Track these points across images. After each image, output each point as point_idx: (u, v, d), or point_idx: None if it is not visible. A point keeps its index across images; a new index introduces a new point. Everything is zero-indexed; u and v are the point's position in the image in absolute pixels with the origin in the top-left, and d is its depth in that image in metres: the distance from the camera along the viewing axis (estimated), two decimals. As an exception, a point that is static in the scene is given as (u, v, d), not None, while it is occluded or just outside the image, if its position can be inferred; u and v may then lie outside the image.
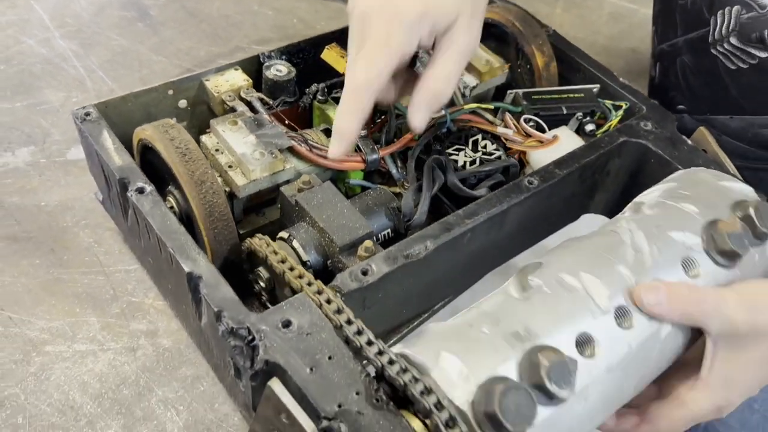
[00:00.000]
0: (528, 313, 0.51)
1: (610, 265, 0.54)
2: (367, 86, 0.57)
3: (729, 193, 0.62)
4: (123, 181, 0.61)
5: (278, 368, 0.50)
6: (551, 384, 0.46)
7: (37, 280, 0.70)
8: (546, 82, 0.81)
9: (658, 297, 0.53)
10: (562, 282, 0.53)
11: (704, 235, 0.58)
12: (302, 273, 0.56)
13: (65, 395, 0.62)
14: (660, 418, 0.57)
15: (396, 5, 0.57)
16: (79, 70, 0.97)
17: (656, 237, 0.57)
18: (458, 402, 0.45)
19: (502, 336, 0.48)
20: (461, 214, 0.63)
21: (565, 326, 0.50)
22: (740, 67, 0.71)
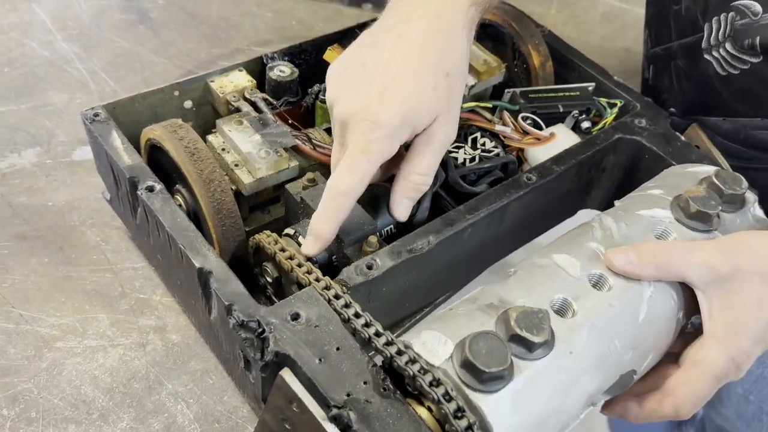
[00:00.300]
0: (503, 289, 0.54)
1: (579, 244, 0.58)
2: (347, 193, 0.57)
3: (695, 175, 0.65)
4: (133, 180, 0.62)
5: (288, 359, 0.52)
6: (522, 331, 0.48)
7: (47, 277, 0.72)
8: (542, 81, 0.83)
9: (627, 256, 0.55)
10: (535, 263, 0.57)
11: (673, 208, 0.61)
12: (310, 269, 0.57)
13: (77, 389, 0.63)
14: (680, 387, 0.56)
15: (375, 116, 0.56)
16: (82, 72, 0.98)
17: (623, 217, 0.61)
18: (438, 363, 0.48)
19: (478, 308, 0.52)
20: (462, 210, 0.65)
21: (538, 293, 0.53)
22: (731, 73, 0.72)
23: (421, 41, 0.58)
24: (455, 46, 0.60)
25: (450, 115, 0.60)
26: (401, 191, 0.62)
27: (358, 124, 0.57)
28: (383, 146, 0.57)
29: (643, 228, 0.60)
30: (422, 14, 0.59)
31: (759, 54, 0.69)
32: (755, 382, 0.95)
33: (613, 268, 0.56)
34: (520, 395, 0.48)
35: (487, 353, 0.47)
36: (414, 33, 0.58)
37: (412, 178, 0.61)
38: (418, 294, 0.67)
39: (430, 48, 0.58)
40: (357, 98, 0.57)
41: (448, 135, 0.61)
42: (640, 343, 0.55)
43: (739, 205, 0.63)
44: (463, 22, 0.60)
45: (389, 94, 0.57)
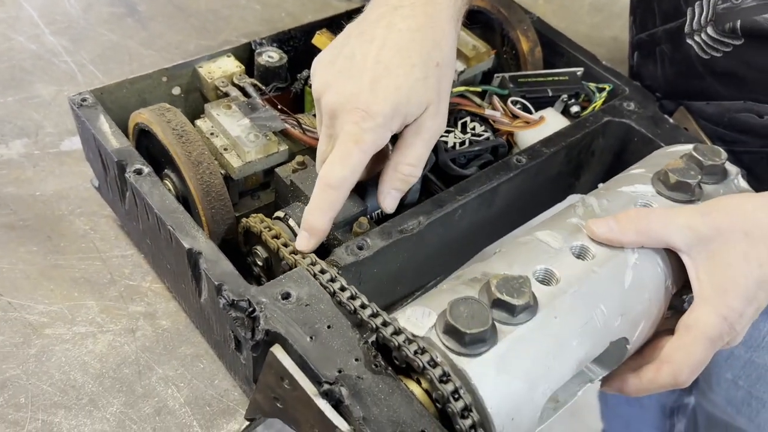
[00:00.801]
0: (486, 265, 0.55)
1: (561, 221, 0.59)
2: (341, 184, 0.56)
3: (676, 153, 0.66)
4: (121, 163, 0.62)
5: (279, 338, 0.52)
6: (503, 294, 0.49)
7: (35, 266, 0.71)
8: (531, 67, 0.83)
9: (608, 224, 0.56)
10: (518, 241, 0.57)
11: (654, 183, 0.62)
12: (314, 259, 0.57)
13: (66, 375, 0.63)
14: (675, 353, 0.56)
15: (366, 105, 0.55)
16: (70, 65, 0.98)
17: (604, 194, 0.62)
18: (422, 333, 0.49)
19: (462, 283, 0.53)
20: (453, 191, 0.65)
21: (520, 265, 0.54)
22: (713, 56, 0.73)
23: (410, 31, 0.58)
24: (444, 36, 0.59)
25: (440, 105, 0.60)
26: (390, 182, 0.61)
27: (350, 114, 0.56)
28: (376, 136, 0.56)
29: (625, 202, 0.61)
30: (410, 5, 0.59)
31: (740, 37, 0.70)
32: (744, 366, 0.95)
33: (594, 237, 0.56)
34: (505, 358, 0.48)
35: (468, 316, 0.47)
36: (403, 23, 0.58)
37: (401, 169, 0.60)
38: (409, 277, 0.67)
39: (420, 38, 0.58)
40: (347, 88, 0.57)
41: (438, 125, 0.61)
42: (629, 310, 0.56)
43: (720, 176, 0.64)
44: (451, 13, 0.60)
45: (381, 84, 0.56)
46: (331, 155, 0.57)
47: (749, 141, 0.75)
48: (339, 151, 0.56)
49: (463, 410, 0.46)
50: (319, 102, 0.59)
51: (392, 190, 0.61)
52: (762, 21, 0.67)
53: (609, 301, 0.54)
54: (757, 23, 0.68)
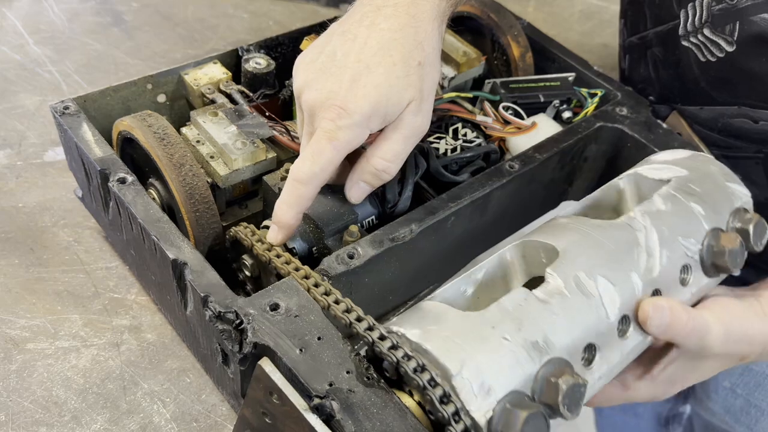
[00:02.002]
0: (548, 320, 0.50)
1: (624, 271, 0.55)
2: (310, 181, 0.56)
3: (732, 198, 0.63)
4: (104, 172, 0.60)
5: (267, 350, 0.50)
6: (564, 409, 0.47)
7: (17, 279, 0.69)
8: (522, 73, 0.82)
9: (661, 321, 0.55)
10: (580, 284, 0.52)
11: (705, 242, 0.59)
12: (289, 259, 0.56)
13: (48, 391, 0.60)
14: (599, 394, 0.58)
15: (344, 102, 0.55)
16: (54, 75, 0.96)
17: (667, 241, 0.58)
18: (476, 415, 0.45)
19: (523, 346, 0.48)
20: (445, 198, 0.64)
21: (579, 338, 0.51)
22: (709, 60, 0.72)
23: (392, 31, 0.57)
24: (427, 37, 0.59)
25: (422, 104, 0.59)
26: (360, 173, 0.60)
27: (327, 111, 0.55)
28: (351, 134, 0.55)
29: (677, 261, 0.58)
30: (393, 6, 0.59)
31: (733, 43, 0.69)
32: (742, 374, 0.94)
33: (645, 327, 0.55)
34: None
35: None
36: (386, 23, 0.58)
37: (373, 162, 0.59)
38: (401, 286, 0.65)
39: (402, 38, 0.57)
40: (327, 85, 0.56)
41: (420, 124, 0.59)
42: None
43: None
44: (435, 14, 0.60)
45: (360, 82, 0.56)
46: (304, 151, 0.56)
47: (744, 146, 0.75)
48: (312, 147, 0.56)
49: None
50: (299, 99, 0.59)
51: (361, 181, 0.60)
52: (759, 21, 0.66)
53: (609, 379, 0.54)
54: (754, 24, 0.67)
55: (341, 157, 0.56)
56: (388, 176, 0.60)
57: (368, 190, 0.61)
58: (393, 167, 0.59)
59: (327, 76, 0.57)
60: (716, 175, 0.64)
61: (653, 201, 0.60)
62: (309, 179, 0.55)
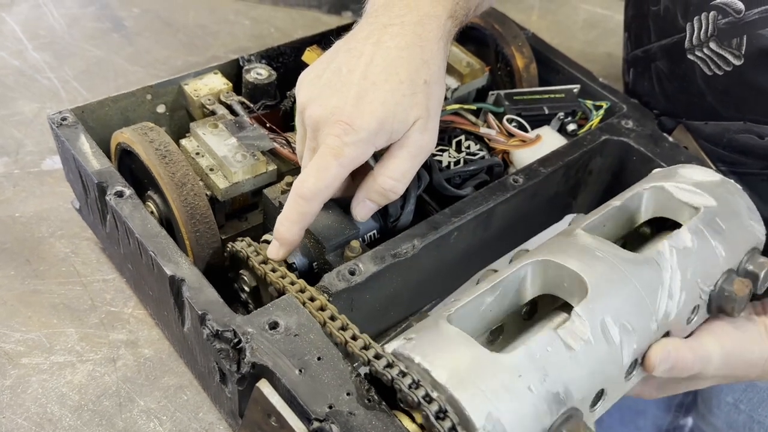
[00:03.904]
0: (571, 371, 0.49)
1: (646, 317, 0.54)
2: (314, 197, 0.55)
3: (751, 237, 0.62)
4: (101, 185, 0.59)
5: (266, 371, 0.49)
6: None
7: (12, 291, 0.68)
8: (526, 84, 0.81)
9: (667, 366, 0.55)
10: (605, 329, 0.51)
11: (718, 283, 0.58)
12: (289, 276, 0.55)
13: (43, 408, 0.59)
14: None
15: (350, 119, 0.54)
16: (53, 81, 0.95)
17: (688, 284, 0.56)
18: None
19: (545, 398, 0.47)
20: (448, 213, 0.63)
21: (595, 386, 0.50)
22: (716, 74, 0.71)
23: (398, 49, 0.57)
24: (433, 55, 0.58)
25: (429, 122, 0.58)
26: (366, 191, 0.59)
27: (332, 127, 0.55)
28: (356, 151, 0.55)
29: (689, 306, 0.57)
30: (399, 25, 0.58)
31: (741, 57, 0.68)
32: (745, 390, 0.93)
33: (649, 371, 0.54)
34: None
35: None
36: (392, 41, 0.57)
37: (380, 180, 0.58)
38: (403, 301, 0.64)
39: (408, 56, 0.57)
40: (332, 101, 0.55)
41: (426, 143, 0.58)
42: None
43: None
44: (441, 34, 0.59)
45: (366, 99, 0.55)
46: (309, 166, 0.55)
47: (750, 162, 0.74)
48: (316, 163, 0.55)
49: None
50: (303, 115, 0.58)
51: (367, 200, 0.59)
52: (767, 35, 0.65)
53: None
54: (762, 38, 0.66)
55: (346, 173, 0.56)
56: (394, 195, 0.59)
57: (375, 208, 0.60)
58: (400, 186, 0.59)
59: (332, 92, 0.56)
60: (742, 210, 0.63)
61: (681, 236, 0.58)
62: (313, 196, 0.55)
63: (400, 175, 0.58)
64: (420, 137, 0.57)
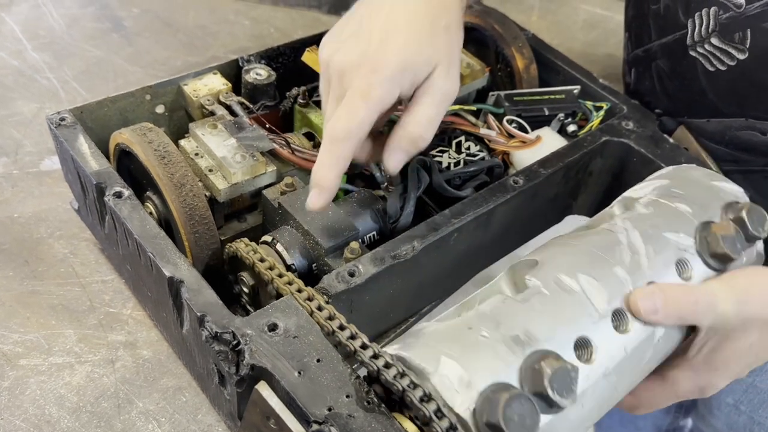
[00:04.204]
0: (528, 316, 0.49)
1: (607, 267, 0.53)
2: (346, 138, 0.55)
3: (721, 194, 0.62)
4: (100, 186, 0.59)
5: (265, 373, 0.49)
6: (554, 393, 0.45)
7: (11, 292, 0.68)
8: (526, 85, 0.81)
9: (654, 304, 0.53)
10: (561, 283, 0.52)
11: (697, 236, 0.58)
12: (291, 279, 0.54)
13: (41, 410, 0.59)
14: (642, 391, 0.59)
15: (375, 60, 0.56)
16: (53, 82, 0.95)
17: (652, 237, 0.56)
18: (459, 410, 0.44)
19: (503, 340, 0.47)
20: (448, 214, 0.62)
21: (565, 330, 0.49)
22: (718, 69, 0.71)
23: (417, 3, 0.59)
24: (451, 6, 0.61)
25: (450, 67, 0.60)
26: (396, 140, 0.59)
27: (358, 70, 0.56)
28: (383, 91, 0.56)
29: (668, 256, 0.56)
30: None
31: (745, 51, 0.68)
32: (745, 391, 0.93)
33: (637, 315, 0.53)
34: None
35: (519, 420, 0.43)
36: None
37: (409, 128, 0.58)
38: (402, 303, 0.64)
39: (426, 3, 0.59)
40: (357, 48, 0.57)
41: (449, 88, 0.60)
42: (635, 383, 0.54)
43: (751, 242, 0.60)
44: None
45: (390, 40, 0.57)
46: (337, 110, 0.56)
47: (751, 160, 0.73)
48: (345, 105, 0.56)
49: None
50: (327, 67, 0.59)
51: (398, 149, 0.59)
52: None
53: (626, 380, 0.52)
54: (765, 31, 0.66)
55: (374, 116, 0.56)
56: (423, 143, 0.59)
57: (405, 159, 0.60)
58: (428, 133, 0.59)
59: (356, 41, 0.58)
60: (699, 177, 0.64)
61: (634, 208, 0.59)
62: (346, 136, 0.55)
63: (426, 121, 0.59)
64: (443, 83, 0.59)
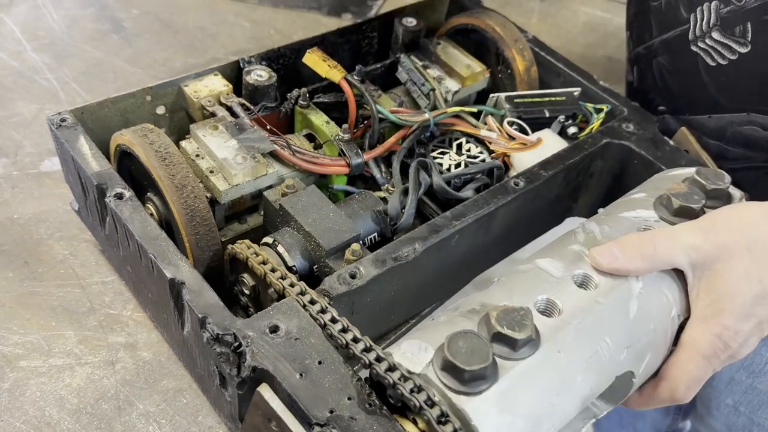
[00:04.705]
0: (485, 296, 0.52)
1: (562, 248, 0.56)
2: None
3: (677, 177, 0.64)
4: (101, 187, 0.59)
5: (266, 375, 0.49)
6: (504, 328, 0.46)
7: (11, 294, 0.68)
8: (527, 87, 0.81)
9: (612, 252, 0.54)
10: (517, 270, 0.55)
11: (656, 208, 0.60)
12: (290, 279, 0.54)
13: (41, 411, 0.59)
14: (671, 370, 0.57)
15: None
16: (52, 82, 0.95)
17: (606, 220, 0.59)
18: (419, 369, 0.46)
19: (460, 314, 0.50)
20: (449, 216, 0.62)
21: (521, 296, 0.51)
22: (720, 64, 0.71)
23: None
24: None
25: None
26: None
27: None
28: None
29: (626, 228, 0.58)
30: None
31: (747, 43, 0.68)
32: (745, 392, 0.93)
33: (599, 267, 0.54)
34: (507, 396, 0.45)
35: (467, 352, 0.45)
36: None
37: None
38: (403, 305, 0.64)
39: None
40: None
41: None
42: (635, 342, 0.53)
43: (724, 200, 0.62)
44: None
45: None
46: None
47: (753, 156, 0.73)
48: None
49: None
50: None
51: None
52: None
53: (614, 333, 0.52)
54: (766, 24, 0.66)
55: None
56: None
57: None
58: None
59: None
60: (658, 175, 0.67)
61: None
62: None
63: None
64: None
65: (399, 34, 0.82)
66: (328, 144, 0.70)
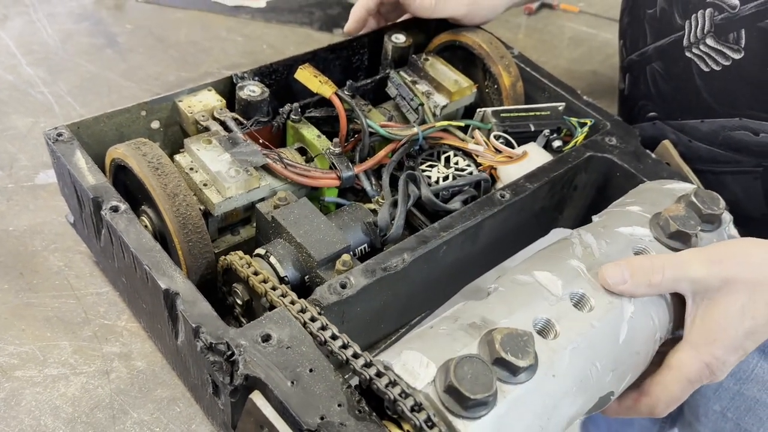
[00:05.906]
0: (485, 308, 0.53)
1: (560, 261, 0.57)
2: None
3: (672, 192, 0.66)
4: (97, 200, 0.60)
5: (259, 383, 0.50)
6: (507, 354, 0.47)
7: (6, 305, 0.69)
8: (513, 102, 0.83)
9: (622, 274, 0.55)
10: (516, 281, 0.56)
11: (652, 227, 0.61)
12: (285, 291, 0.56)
13: (36, 420, 0.60)
14: (654, 387, 0.59)
15: None
16: (47, 96, 0.96)
17: (603, 234, 0.60)
18: (420, 386, 0.47)
19: (460, 328, 0.51)
20: (437, 227, 0.64)
21: (522, 313, 0.52)
22: (713, 69, 0.73)
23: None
24: None
25: None
26: None
27: None
28: None
29: (623, 246, 0.59)
30: None
31: (741, 50, 0.70)
32: (732, 399, 0.94)
33: (606, 286, 0.55)
34: (503, 420, 0.46)
35: (472, 378, 0.45)
36: None
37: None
38: (393, 314, 0.66)
39: None
40: None
41: None
42: (619, 365, 0.55)
43: (716, 224, 0.63)
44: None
45: None
46: None
47: (743, 160, 0.75)
48: None
49: None
50: None
51: None
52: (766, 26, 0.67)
53: (603, 357, 0.53)
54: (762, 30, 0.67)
55: None
56: None
57: None
58: None
59: None
60: (652, 185, 0.68)
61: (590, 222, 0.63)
62: None
63: None
64: None
65: (388, 50, 0.84)
66: (320, 157, 0.71)
